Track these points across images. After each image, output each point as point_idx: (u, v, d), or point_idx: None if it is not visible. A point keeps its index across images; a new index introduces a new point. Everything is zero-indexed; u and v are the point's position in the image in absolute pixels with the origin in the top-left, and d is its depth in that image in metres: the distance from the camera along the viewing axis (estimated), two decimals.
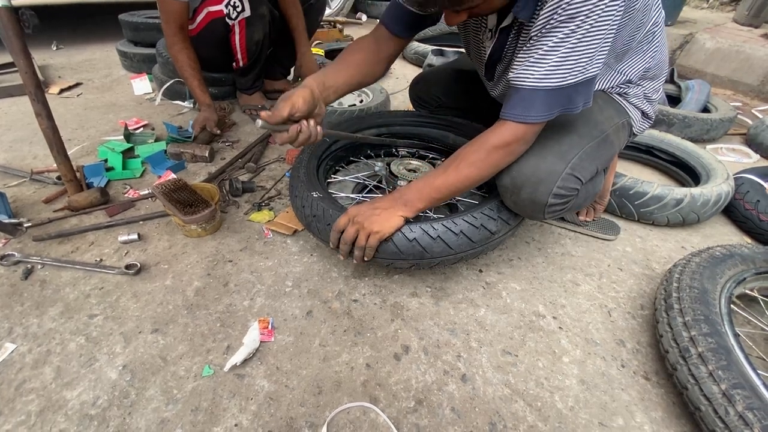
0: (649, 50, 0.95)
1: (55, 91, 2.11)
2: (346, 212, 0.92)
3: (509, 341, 0.93)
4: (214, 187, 1.23)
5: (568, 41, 0.72)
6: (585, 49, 0.73)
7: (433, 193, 0.89)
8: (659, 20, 0.93)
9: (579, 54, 0.73)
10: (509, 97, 0.82)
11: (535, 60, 0.75)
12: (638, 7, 0.83)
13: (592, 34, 0.71)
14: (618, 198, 1.33)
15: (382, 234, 0.88)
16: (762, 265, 0.99)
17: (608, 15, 0.70)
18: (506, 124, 0.82)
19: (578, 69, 0.74)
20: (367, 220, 0.88)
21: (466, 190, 0.90)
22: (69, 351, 0.85)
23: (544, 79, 0.75)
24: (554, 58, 0.73)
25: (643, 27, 0.90)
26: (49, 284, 1.00)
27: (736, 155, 1.87)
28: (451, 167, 0.88)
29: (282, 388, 0.80)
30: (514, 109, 0.80)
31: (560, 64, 0.74)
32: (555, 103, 0.78)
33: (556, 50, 0.73)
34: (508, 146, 0.83)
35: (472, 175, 0.86)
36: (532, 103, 0.78)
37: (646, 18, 0.89)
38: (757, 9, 3.04)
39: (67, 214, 1.22)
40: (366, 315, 0.97)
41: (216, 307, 0.96)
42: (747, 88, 2.62)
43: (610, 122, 0.97)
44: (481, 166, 0.86)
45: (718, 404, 0.70)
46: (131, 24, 2.38)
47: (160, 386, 0.79)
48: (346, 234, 0.89)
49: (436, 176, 0.90)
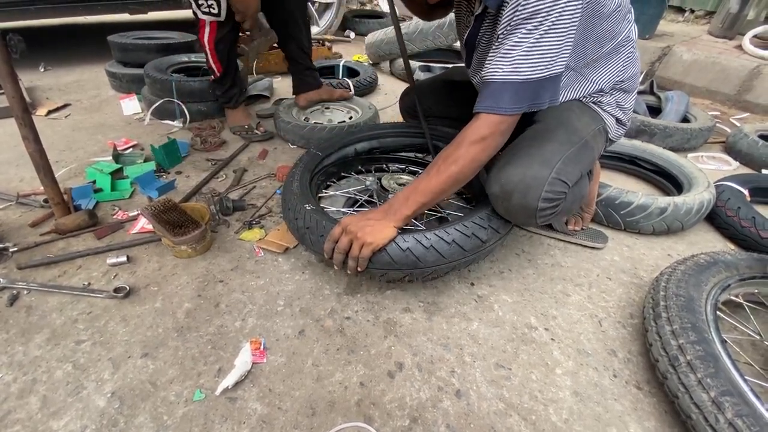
0: (620, 62, 1.01)
1: (42, 112, 2.10)
2: (339, 223, 0.93)
3: (502, 354, 0.94)
4: (204, 206, 1.23)
5: (530, 37, 0.78)
6: (547, 46, 0.79)
7: (419, 198, 0.91)
8: (631, 36, 0.99)
9: (541, 51, 0.79)
10: (481, 91, 0.87)
11: (501, 56, 0.81)
12: (605, 12, 0.89)
13: (553, 33, 0.78)
14: (604, 208, 1.35)
15: (375, 245, 0.89)
16: (745, 271, 1.01)
17: (567, 16, 0.77)
18: (480, 117, 0.86)
19: (542, 65, 0.80)
20: (361, 231, 0.89)
21: (450, 191, 0.93)
22: (56, 379, 0.83)
23: (512, 73, 0.81)
24: (518, 53, 0.80)
25: (612, 38, 0.96)
26: (36, 310, 0.98)
27: (716, 163, 1.92)
28: (433, 170, 0.91)
29: (275, 411, 0.79)
30: (485, 101, 0.85)
31: (525, 60, 0.80)
32: (523, 96, 0.82)
33: (519, 46, 0.79)
34: (485, 140, 0.86)
35: (454, 173, 0.88)
36: (502, 95, 0.83)
37: (617, 29, 0.95)
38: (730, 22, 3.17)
39: (54, 237, 1.20)
40: (359, 332, 0.97)
41: (207, 329, 0.95)
42: (724, 98, 2.71)
43: (588, 128, 1.00)
44: (461, 163, 0.88)
45: (708, 412, 0.70)
46: (120, 45, 2.39)
47: (150, 413, 0.78)
48: (340, 244, 0.91)
49: (420, 181, 0.93)
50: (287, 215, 1.07)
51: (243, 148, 1.80)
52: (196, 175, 1.59)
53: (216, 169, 1.61)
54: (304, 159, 1.25)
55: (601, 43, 0.95)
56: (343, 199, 1.29)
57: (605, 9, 0.89)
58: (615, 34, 0.95)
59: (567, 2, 0.75)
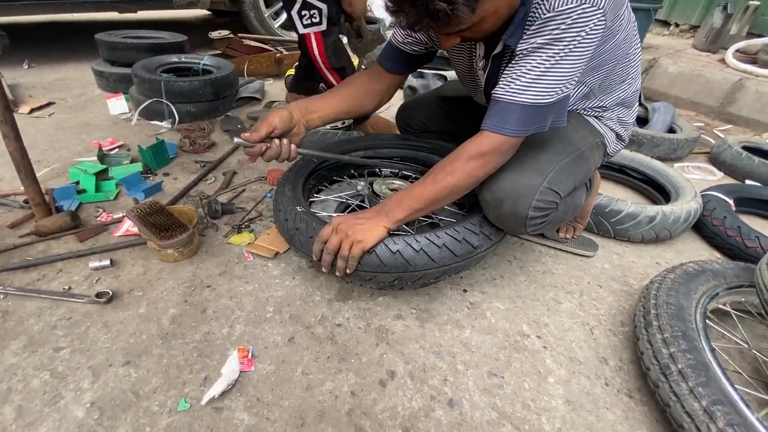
0: (626, 82, 1.02)
1: (25, 110, 2.04)
2: (329, 223, 0.92)
3: (495, 362, 0.93)
4: (192, 209, 1.20)
5: (547, 62, 0.78)
6: (561, 72, 0.78)
7: (413, 203, 0.90)
8: (637, 54, 1.00)
9: (555, 76, 0.78)
10: (489, 109, 0.86)
11: (516, 77, 0.81)
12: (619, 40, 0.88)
13: (569, 59, 0.77)
14: (594, 216, 1.36)
15: (365, 243, 0.88)
16: (732, 280, 1.03)
17: (585, 44, 0.77)
18: (483, 134, 0.86)
19: (554, 89, 0.80)
20: (351, 229, 0.88)
21: (445, 200, 0.92)
22: (32, 388, 0.79)
23: (522, 94, 0.80)
24: (532, 76, 0.79)
25: (629, 62, 0.96)
26: (12, 315, 0.94)
27: (701, 173, 1.96)
28: (430, 178, 0.90)
29: (263, 421, 0.77)
30: (490, 119, 0.84)
31: (537, 83, 0.79)
32: (530, 120, 0.82)
33: (535, 70, 0.79)
34: (484, 156, 0.85)
35: (450, 184, 0.88)
36: (508, 116, 0.82)
37: (631, 51, 0.95)
38: (714, 36, 3.26)
39: (34, 239, 1.16)
40: (350, 340, 0.95)
41: (193, 336, 0.92)
42: (708, 110, 2.78)
43: (584, 141, 1.01)
44: (458, 176, 0.87)
45: (699, 421, 0.70)
46: (108, 43, 2.34)
47: (132, 424, 0.75)
48: (330, 244, 0.89)
49: (415, 187, 0.92)
50: (277, 217, 1.06)
51: (233, 150, 1.78)
52: (184, 177, 1.55)
53: (205, 172, 1.58)
54: (298, 164, 1.25)
55: (617, 71, 0.96)
56: (335, 203, 1.27)
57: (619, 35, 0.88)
58: (630, 57, 0.96)
59: (588, 32, 0.75)
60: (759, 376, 0.94)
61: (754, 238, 1.28)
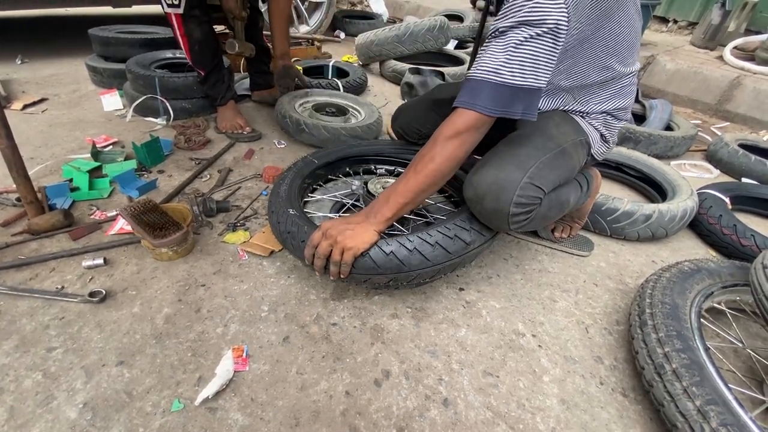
0: (617, 95, 1.03)
1: (18, 106, 2.02)
2: (319, 227, 0.92)
3: (490, 362, 0.93)
4: (186, 207, 1.19)
5: (511, 43, 0.80)
6: (527, 56, 0.80)
7: (399, 199, 0.90)
8: (633, 71, 1.01)
9: (521, 59, 0.80)
10: (462, 87, 0.87)
11: (485, 57, 0.83)
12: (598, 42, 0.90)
13: (534, 44, 0.79)
14: (591, 214, 1.36)
15: (356, 250, 0.88)
16: (727, 279, 1.03)
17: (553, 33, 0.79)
18: (457, 112, 0.87)
19: (520, 73, 0.81)
20: (341, 235, 0.88)
21: (430, 189, 0.92)
22: (24, 389, 0.79)
23: (491, 73, 0.82)
24: (499, 58, 0.82)
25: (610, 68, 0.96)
26: (4, 315, 0.93)
27: (698, 171, 1.96)
28: (411, 169, 0.90)
29: (257, 422, 0.77)
30: (463, 96, 0.86)
31: (505, 64, 0.81)
32: (498, 99, 0.83)
33: (502, 51, 0.81)
34: (461, 135, 0.86)
35: (432, 171, 0.88)
36: (479, 93, 0.83)
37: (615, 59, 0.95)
38: (712, 33, 3.25)
39: (27, 238, 1.15)
40: (345, 339, 0.95)
41: (187, 336, 0.92)
42: (705, 107, 2.78)
43: (567, 137, 1.00)
44: (438, 160, 0.87)
45: (693, 421, 0.71)
46: (102, 38, 2.31)
47: (125, 424, 0.74)
48: (320, 249, 0.89)
49: (399, 182, 0.92)
50: (271, 219, 1.06)
51: (228, 147, 1.76)
52: (179, 175, 1.54)
53: (200, 169, 1.57)
54: (298, 164, 1.24)
55: (594, 71, 0.96)
56: (330, 203, 1.27)
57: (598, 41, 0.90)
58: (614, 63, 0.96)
59: (556, 21, 0.77)
60: (753, 375, 0.94)
61: (749, 237, 1.28)
